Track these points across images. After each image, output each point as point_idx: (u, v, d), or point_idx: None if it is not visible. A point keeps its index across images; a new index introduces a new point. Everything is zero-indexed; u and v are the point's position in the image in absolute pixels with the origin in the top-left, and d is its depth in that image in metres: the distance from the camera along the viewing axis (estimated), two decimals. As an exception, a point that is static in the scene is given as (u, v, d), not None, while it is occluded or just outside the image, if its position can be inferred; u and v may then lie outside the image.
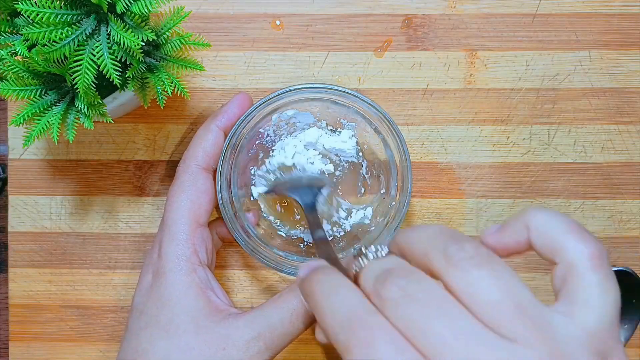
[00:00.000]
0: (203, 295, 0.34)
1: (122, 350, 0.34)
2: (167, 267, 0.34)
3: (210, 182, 0.36)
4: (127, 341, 0.34)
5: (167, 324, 0.33)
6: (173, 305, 0.33)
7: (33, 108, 0.32)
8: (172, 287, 0.34)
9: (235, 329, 0.32)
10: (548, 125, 0.42)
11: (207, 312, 0.33)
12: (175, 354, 0.32)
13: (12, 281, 0.42)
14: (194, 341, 0.32)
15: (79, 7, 0.30)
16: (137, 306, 0.34)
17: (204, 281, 0.34)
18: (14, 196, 0.42)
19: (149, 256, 0.36)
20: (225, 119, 0.37)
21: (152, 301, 0.34)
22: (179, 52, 0.33)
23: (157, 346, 0.32)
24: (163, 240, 0.35)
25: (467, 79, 0.41)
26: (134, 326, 0.34)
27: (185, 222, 0.35)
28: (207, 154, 0.36)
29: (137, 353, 0.33)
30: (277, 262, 0.37)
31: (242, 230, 0.37)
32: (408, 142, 0.41)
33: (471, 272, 0.19)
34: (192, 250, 0.35)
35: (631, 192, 0.42)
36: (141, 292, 0.35)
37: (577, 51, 0.41)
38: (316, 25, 0.41)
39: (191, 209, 0.35)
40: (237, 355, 0.32)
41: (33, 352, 0.42)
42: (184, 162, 0.37)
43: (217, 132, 0.37)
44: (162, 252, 0.35)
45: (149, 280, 0.35)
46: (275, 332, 0.32)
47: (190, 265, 0.34)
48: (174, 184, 0.36)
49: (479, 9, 0.41)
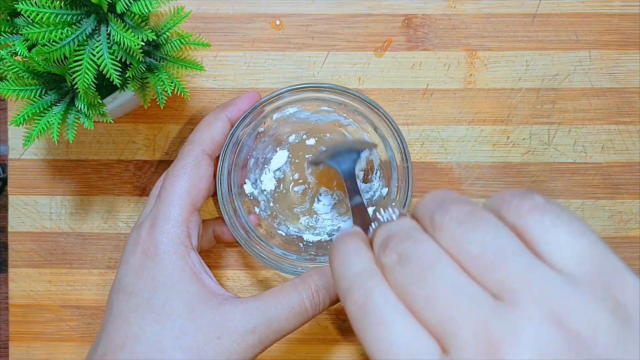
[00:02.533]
0: (197, 279, 0.32)
1: (107, 333, 0.32)
2: (161, 248, 0.33)
3: (212, 169, 0.36)
4: (114, 324, 0.32)
5: (159, 308, 0.31)
6: (167, 289, 0.32)
7: (33, 108, 0.32)
8: (166, 270, 0.32)
9: (232, 318, 0.31)
10: (548, 125, 0.42)
11: (202, 296, 0.32)
12: (168, 339, 0.30)
13: (12, 281, 0.42)
14: (188, 327, 0.31)
15: (79, 7, 0.30)
16: (125, 287, 0.33)
17: (197, 265, 0.33)
18: (14, 196, 0.42)
19: (135, 232, 0.34)
20: (236, 111, 0.37)
21: (144, 283, 0.32)
22: (179, 52, 0.33)
23: (149, 331, 0.31)
24: (158, 219, 0.33)
25: (467, 79, 0.41)
26: (122, 308, 0.32)
27: (182, 203, 0.34)
28: (214, 140, 0.36)
29: (126, 337, 0.31)
30: (276, 261, 0.37)
31: (242, 229, 0.37)
32: (408, 142, 0.41)
33: (455, 231, 0.20)
34: (186, 233, 0.34)
35: (631, 192, 0.42)
36: (129, 272, 0.33)
37: (577, 51, 0.41)
38: (316, 25, 0.41)
39: (190, 192, 0.34)
40: (231, 346, 0.31)
41: (33, 352, 0.42)
42: (189, 145, 0.36)
43: (225, 121, 0.36)
44: (155, 231, 0.33)
45: (137, 259, 0.33)
46: (271, 328, 0.32)
47: (185, 248, 0.33)
48: (175, 165, 0.35)
49: (479, 9, 0.41)
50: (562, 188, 0.42)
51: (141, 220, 0.35)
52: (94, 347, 0.32)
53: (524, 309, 0.17)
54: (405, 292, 0.19)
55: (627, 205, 0.42)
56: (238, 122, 0.36)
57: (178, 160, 0.35)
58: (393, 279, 0.20)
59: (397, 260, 0.20)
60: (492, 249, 0.19)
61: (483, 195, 0.42)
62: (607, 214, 0.42)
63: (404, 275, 0.20)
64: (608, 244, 0.20)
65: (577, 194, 0.42)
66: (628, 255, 0.42)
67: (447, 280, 0.19)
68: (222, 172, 0.37)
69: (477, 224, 0.20)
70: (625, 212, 0.42)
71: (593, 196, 0.42)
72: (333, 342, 0.42)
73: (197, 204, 0.35)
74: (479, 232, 0.19)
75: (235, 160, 0.38)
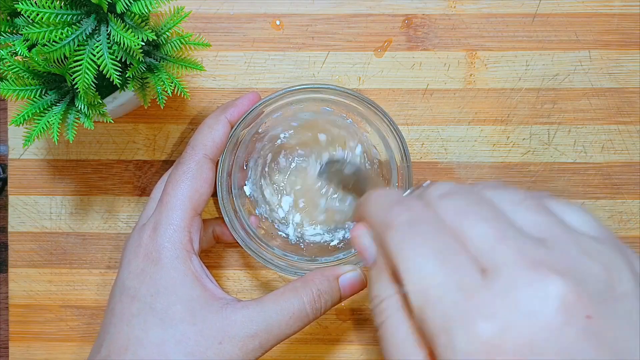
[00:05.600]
0: (199, 284, 0.33)
1: (110, 335, 0.32)
2: (163, 253, 0.33)
3: (213, 173, 0.36)
4: (116, 326, 0.32)
5: (162, 313, 0.32)
6: (169, 294, 0.32)
7: (33, 108, 0.32)
8: (168, 275, 0.33)
9: (233, 323, 0.32)
10: (548, 125, 0.42)
11: (204, 300, 0.32)
12: (171, 343, 0.31)
13: (12, 281, 0.42)
14: (190, 331, 0.31)
15: (79, 7, 0.30)
16: (128, 290, 0.33)
17: (199, 269, 0.34)
18: (14, 196, 0.42)
19: (137, 235, 0.35)
20: (236, 113, 0.37)
21: (146, 287, 0.32)
22: (179, 52, 0.33)
23: (152, 335, 0.31)
24: (160, 223, 0.34)
25: (467, 79, 0.41)
26: (125, 311, 0.32)
27: (185, 208, 0.34)
28: (216, 144, 0.36)
29: (129, 340, 0.31)
30: (277, 262, 0.37)
31: (242, 230, 0.37)
32: (408, 142, 0.41)
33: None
34: (188, 238, 0.34)
35: (631, 192, 0.42)
36: (131, 276, 0.33)
37: (577, 51, 0.41)
38: (316, 25, 0.41)
39: (193, 196, 0.35)
40: (233, 351, 0.31)
41: (33, 352, 0.42)
42: (192, 149, 0.36)
43: (226, 123, 0.36)
44: (157, 236, 0.34)
45: (140, 263, 0.33)
46: (272, 333, 0.32)
47: (187, 253, 0.34)
48: (178, 168, 0.35)
49: (479, 9, 0.41)
50: (562, 188, 0.42)
51: (142, 223, 0.35)
52: (97, 347, 0.33)
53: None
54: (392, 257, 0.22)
55: (627, 205, 0.42)
56: (238, 123, 0.36)
57: (180, 165, 0.36)
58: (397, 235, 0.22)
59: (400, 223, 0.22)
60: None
61: (483, 195, 0.42)
62: (607, 214, 0.42)
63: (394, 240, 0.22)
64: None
65: (577, 194, 0.42)
66: (628, 255, 0.42)
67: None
68: (222, 174, 0.37)
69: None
70: (625, 212, 0.42)
71: (593, 196, 0.42)
72: (333, 342, 0.42)
73: (199, 208, 0.35)
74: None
75: (235, 162, 0.38)
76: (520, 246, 0.20)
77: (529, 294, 0.19)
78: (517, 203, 0.22)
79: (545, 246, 0.20)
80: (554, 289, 0.18)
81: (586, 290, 0.19)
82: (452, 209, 0.22)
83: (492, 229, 0.21)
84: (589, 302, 0.18)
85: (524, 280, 0.19)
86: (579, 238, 0.21)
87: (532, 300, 0.18)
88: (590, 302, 0.18)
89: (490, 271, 0.19)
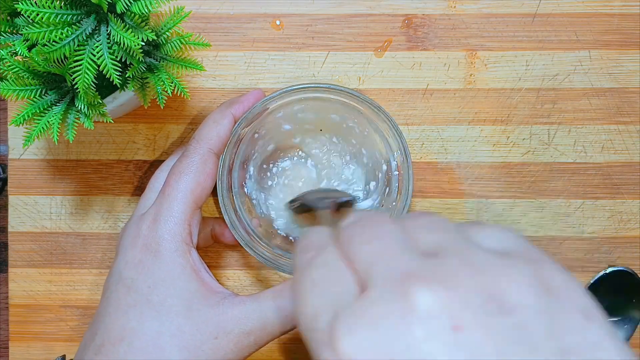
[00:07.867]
0: (197, 277, 0.33)
1: (105, 324, 0.32)
2: (163, 245, 0.33)
3: (216, 168, 0.36)
4: (111, 316, 0.32)
5: (158, 305, 0.32)
6: (167, 286, 0.32)
7: (33, 108, 0.32)
8: (166, 267, 0.33)
9: (229, 319, 0.32)
10: (548, 125, 0.42)
11: (201, 294, 0.32)
12: (166, 336, 0.31)
13: (12, 281, 0.42)
14: (186, 325, 0.31)
15: (79, 7, 0.30)
16: (124, 280, 0.33)
17: (197, 262, 0.34)
18: (14, 196, 0.42)
19: (135, 225, 0.34)
20: (241, 110, 0.37)
21: (143, 279, 0.32)
22: (179, 52, 0.33)
23: (147, 327, 0.31)
24: (160, 215, 0.34)
25: (467, 79, 0.41)
26: (121, 302, 0.32)
27: (186, 201, 0.34)
28: (220, 138, 0.36)
29: (124, 330, 0.31)
30: (277, 261, 0.37)
31: (242, 229, 0.37)
32: (408, 142, 0.41)
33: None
34: (188, 231, 0.34)
35: (631, 192, 0.42)
36: (128, 266, 0.33)
37: (577, 51, 0.41)
38: (316, 25, 0.41)
39: (195, 190, 0.34)
40: (227, 346, 0.32)
41: (33, 352, 0.42)
42: (196, 142, 0.36)
43: (232, 119, 0.36)
44: (157, 227, 0.33)
45: (137, 253, 0.33)
46: (266, 331, 0.32)
47: (186, 246, 0.33)
48: (182, 161, 0.35)
49: (479, 9, 0.41)
50: (562, 188, 0.42)
51: (141, 212, 0.35)
52: (91, 335, 0.32)
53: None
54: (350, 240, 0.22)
55: (627, 205, 0.42)
56: (239, 122, 0.36)
57: (184, 157, 0.35)
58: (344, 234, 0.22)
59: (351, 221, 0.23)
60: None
61: (483, 195, 0.42)
62: (607, 214, 0.42)
63: (352, 230, 0.22)
64: (608, 244, 0.20)
65: (577, 194, 0.42)
66: (628, 255, 0.42)
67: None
68: (222, 172, 0.37)
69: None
70: (625, 212, 0.42)
71: (593, 196, 0.42)
72: (333, 342, 0.42)
73: (200, 202, 0.35)
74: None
75: (235, 160, 0.38)
76: (397, 261, 0.19)
77: (390, 307, 0.18)
78: (423, 225, 0.21)
79: (427, 260, 0.19)
80: (419, 300, 0.17)
81: (461, 300, 0.17)
82: (347, 235, 0.22)
83: (377, 248, 0.20)
84: (459, 313, 0.17)
85: (389, 294, 0.18)
86: (471, 251, 0.19)
87: (393, 314, 0.18)
88: (462, 313, 0.17)
89: (365, 288, 0.19)
